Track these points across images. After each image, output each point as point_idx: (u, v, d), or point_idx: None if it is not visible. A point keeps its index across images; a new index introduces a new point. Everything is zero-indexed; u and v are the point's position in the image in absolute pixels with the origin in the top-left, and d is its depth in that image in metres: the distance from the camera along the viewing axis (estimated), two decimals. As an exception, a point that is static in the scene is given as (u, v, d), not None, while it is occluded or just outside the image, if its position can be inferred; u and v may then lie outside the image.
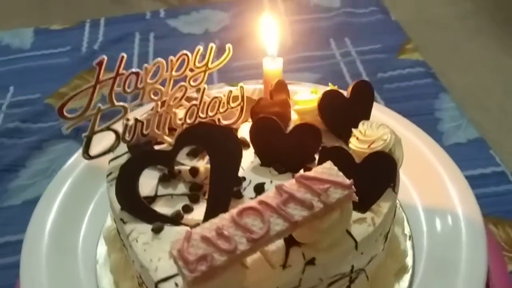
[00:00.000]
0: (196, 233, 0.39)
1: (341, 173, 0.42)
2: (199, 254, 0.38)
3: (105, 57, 0.49)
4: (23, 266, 0.56)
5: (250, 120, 0.54)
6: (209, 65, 0.52)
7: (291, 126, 0.53)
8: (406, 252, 0.54)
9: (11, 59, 1.17)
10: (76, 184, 0.64)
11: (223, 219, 0.40)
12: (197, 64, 0.52)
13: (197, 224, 0.44)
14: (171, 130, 0.52)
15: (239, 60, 1.14)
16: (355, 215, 0.45)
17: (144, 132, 0.52)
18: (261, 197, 0.41)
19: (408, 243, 0.55)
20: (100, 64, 0.49)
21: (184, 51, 0.51)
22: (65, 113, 0.50)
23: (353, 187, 0.42)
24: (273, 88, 0.53)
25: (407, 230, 0.57)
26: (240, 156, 0.46)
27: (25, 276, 0.55)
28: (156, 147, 0.52)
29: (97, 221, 0.60)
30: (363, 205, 0.45)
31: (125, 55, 0.50)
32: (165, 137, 0.52)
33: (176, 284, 0.41)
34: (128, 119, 0.51)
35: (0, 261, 0.71)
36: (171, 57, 0.51)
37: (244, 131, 0.53)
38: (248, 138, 0.52)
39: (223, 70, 1.13)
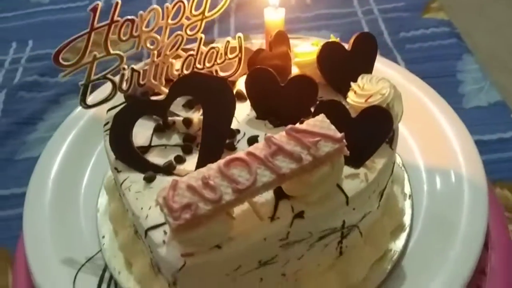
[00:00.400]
0: (182, 181, 0.39)
1: (332, 126, 0.41)
2: (184, 203, 0.38)
3: (100, 3, 0.49)
4: (26, 214, 0.58)
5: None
6: (206, 14, 0.51)
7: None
8: (403, 210, 0.53)
9: (30, 13, 1.18)
10: (79, 136, 0.65)
11: (210, 169, 0.40)
12: (193, 12, 0.51)
13: (189, 174, 0.44)
14: (168, 81, 0.52)
15: (258, 17, 1.13)
16: (348, 170, 0.44)
17: (141, 82, 0.51)
18: (250, 148, 0.41)
19: (408, 202, 0.54)
20: (94, 10, 0.49)
21: (181, -2, 0.50)
22: (60, 61, 0.50)
23: (344, 140, 0.41)
24: (272, 39, 0.52)
25: (407, 189, 0.56)
26: (233, 108, 0.45)
27: (28, 225, 0.57)
28: (153, 98, 0.52)
29: (99, 172, 0.61)
30: (357, 160, 0.44)
31: (119, 2, 0.49)
32: (162, 88, 0.52)
33: (165, 232, 0.42)
34: (124, 68, 0.51)
35: (12, 212, 0.73)
36: (167, 4, 0.50)
37: (242, 84, 0.52)
38: (244, 92, 0.51)
39: (240, 28, 1.12)
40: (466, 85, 1.22)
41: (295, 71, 0.53)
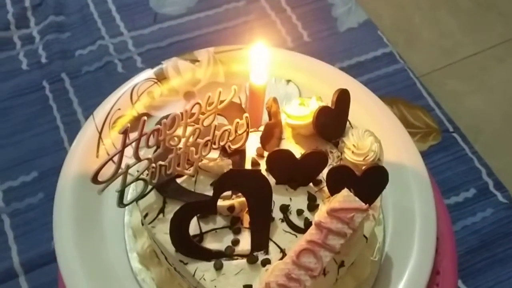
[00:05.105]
0: (272, 281, 0.51)
1: (357, 199, 0.55)
2: (282, 299, 0.50)
3: (129, 125, 0.53)
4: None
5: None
6: (218, 107, 0.57)
7: (284, 132, 0.63)
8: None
9: None
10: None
11: (287, 264, 0.52)
12: (208, 108, 0.56)
13: (247, 253, 0.55)
14: (189, 162, 0.59)
15: None
16: (362, 215, 0.59)
17: (168, 172, 0.57)
18: (307, 235, 0.53)
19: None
20: (125, 132, 0.52)
21: (198, 100, 0.55)
22: (99, 179, 0.54)
23: (367, 206, 0.55)
24: (270, 106, 0.61)
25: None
26: (271, 192, 0.56)
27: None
28: (178, 180, 0.59)
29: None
30: (367, 207, 0.59)
31: (146, 119, 0.53)
32: (185, 171, 0.59)
33: (252, 310, 0.54)
34: (154, 167, 0.56)
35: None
36: (186, 108, 0.55)
37: (250, 150, 0.61)
38: (254, 156, 0.61)
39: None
40: (337, 8, 1.37)
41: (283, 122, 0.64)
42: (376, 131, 0.65)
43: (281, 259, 0.55)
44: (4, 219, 0.99)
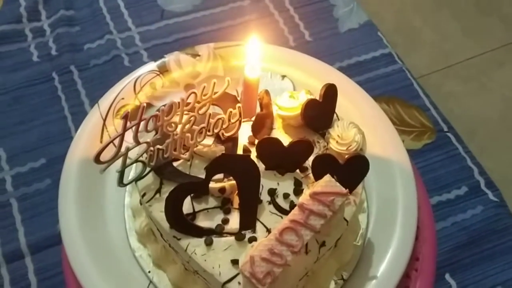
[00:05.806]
0: (256, 255, 0.55)
1: (338, 184, 0.59)
2: (265, 272, 0.55)
3: (129, 111, 0.57)
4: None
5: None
6: (213, 96, 0.62)
7: (275, 123, 0.67)
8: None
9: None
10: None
11: (270, 240, 0.56)
12: (203, 98, 0.61)
13: (236, 232, 0.60)
14: (185, 147, 0.64)
15: None
16: (344, 200, 0.63)
17: (165, 156, 0.62)
18: (290, 215, 0.57)
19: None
20: (125, 117, 0.57)
21: (193, 90, 0.60)
22: (101, 159, 0.59)
23: (348, 192, 0.59)
24: (262, 97, 0.66)
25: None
26: (259, 177, 0.60)
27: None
28: (174, 163, 0.64)
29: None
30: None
31: (145, 105, 0.58)
32: (181, 155, 0.64)
33: (239, 283, 0.58)
34: (152, 150, 0.61)
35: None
36: (182, 97, 0.60)
37: (242, 136, 0.66)
38: (246, 143, 0.66)
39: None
40: (339, 9, 1.41)
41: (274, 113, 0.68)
42: (363, 125, 0.70)
43: (267, 237, 0.59)
44: (12, 203, 1.04)
